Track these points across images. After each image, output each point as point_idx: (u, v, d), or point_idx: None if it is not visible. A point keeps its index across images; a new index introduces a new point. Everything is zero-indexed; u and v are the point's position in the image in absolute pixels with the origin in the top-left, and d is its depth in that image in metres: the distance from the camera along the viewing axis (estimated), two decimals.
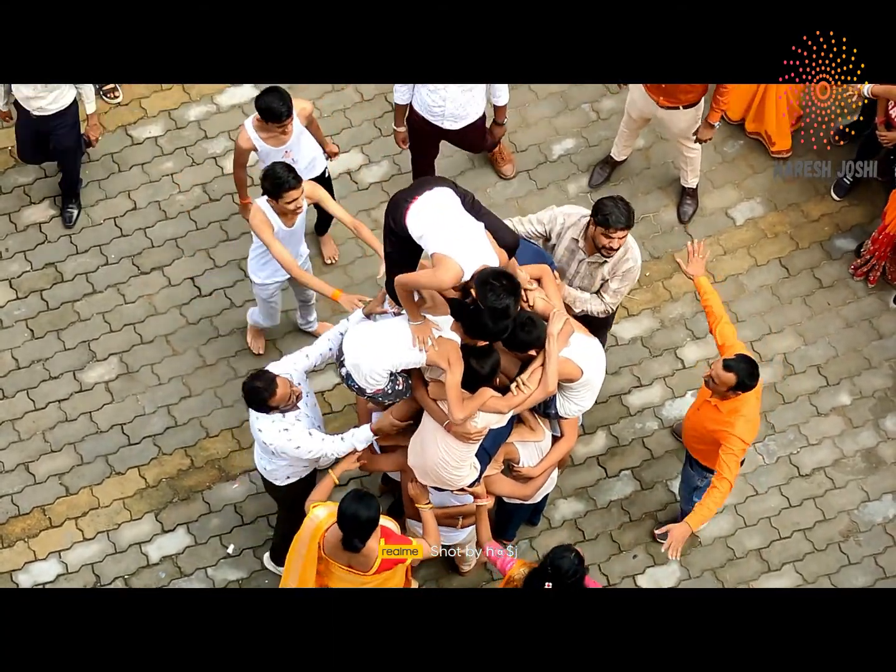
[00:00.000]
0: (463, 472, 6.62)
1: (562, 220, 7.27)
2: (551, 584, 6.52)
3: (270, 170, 7.22)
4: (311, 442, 6.76)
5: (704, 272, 7.33)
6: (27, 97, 7.92)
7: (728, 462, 6.74)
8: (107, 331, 8.59)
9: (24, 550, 7.96)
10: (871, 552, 8.06)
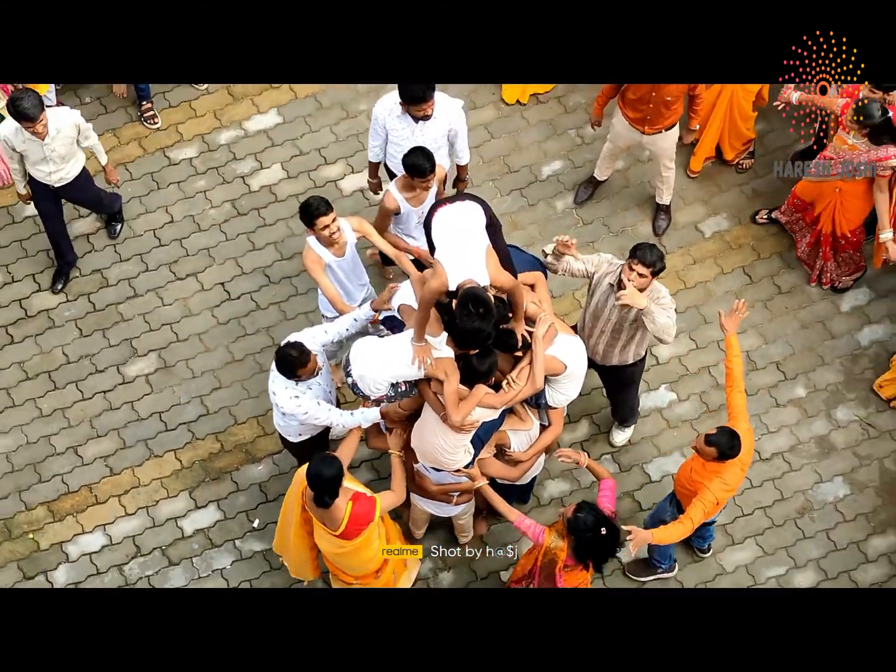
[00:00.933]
0: (458, 456, 6.73)
1: (606, 266, 7.22)
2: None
3: (305, 202, 7.23)
4: (319, 410, 6.90)
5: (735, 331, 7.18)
6: (49, 173, 7.92)
7: (696, 509, 6.76)
8: (146, 330, 8.73)
9: (73, 524, 8.08)
10: (824, 528, 8.16)
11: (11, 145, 7.70)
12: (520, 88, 9.67)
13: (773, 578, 8.06)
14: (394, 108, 7.76)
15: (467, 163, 8.33)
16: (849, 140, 8.18)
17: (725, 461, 6.70)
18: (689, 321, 8.79)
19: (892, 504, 8.27)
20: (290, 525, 7.02)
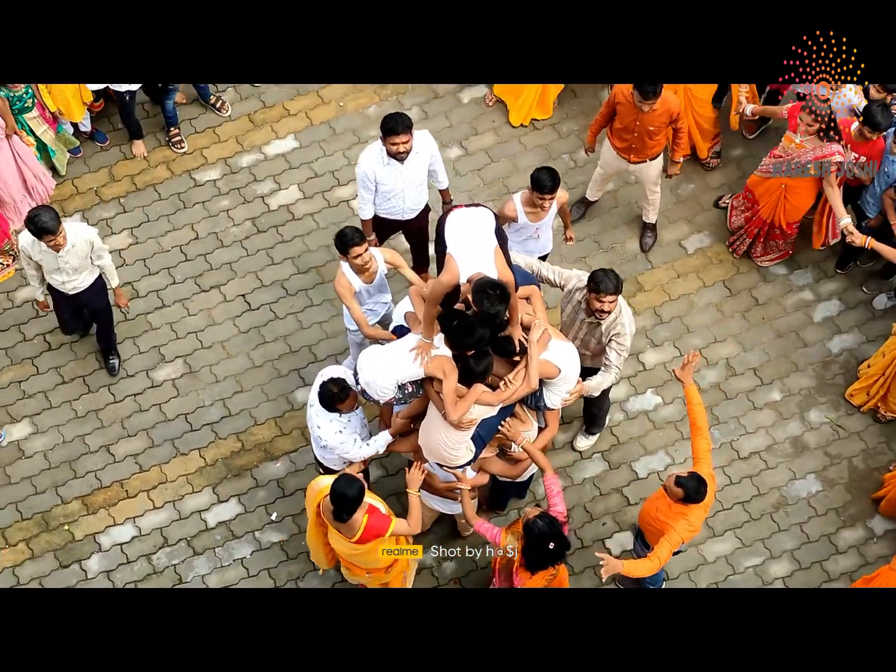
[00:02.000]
0: (459, 452, 6.76)
1: (575, 281, 7.24)
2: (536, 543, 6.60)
3: (340, 231, 7.23)
4: (353, 448, 7.03)
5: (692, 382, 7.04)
6: (63, 282, 7.78)
7: (664, 548, 6.72)
8: (173, 338, 8.77)
9: (105, 517, 8.14)
10: (798, 521, 8.20)
11: (28, 254, 7.61)
12: (524, 112, 9.69)
13: (751, 568, 8.06)
14: (378, 156, 7.76)
15: (447, 187, 8.32)
16: (796, 140, 8.23)
17: (692, 503, 6.68)
18: (674, 331, 8.86)
19: (861, 500, 8.29)
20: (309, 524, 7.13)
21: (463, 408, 6.46)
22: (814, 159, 8.13)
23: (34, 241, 7.49)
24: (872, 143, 8.12)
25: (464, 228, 6.60)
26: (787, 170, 8.28)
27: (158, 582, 7.95)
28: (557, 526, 6.55)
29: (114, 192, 9.35)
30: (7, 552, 7.99)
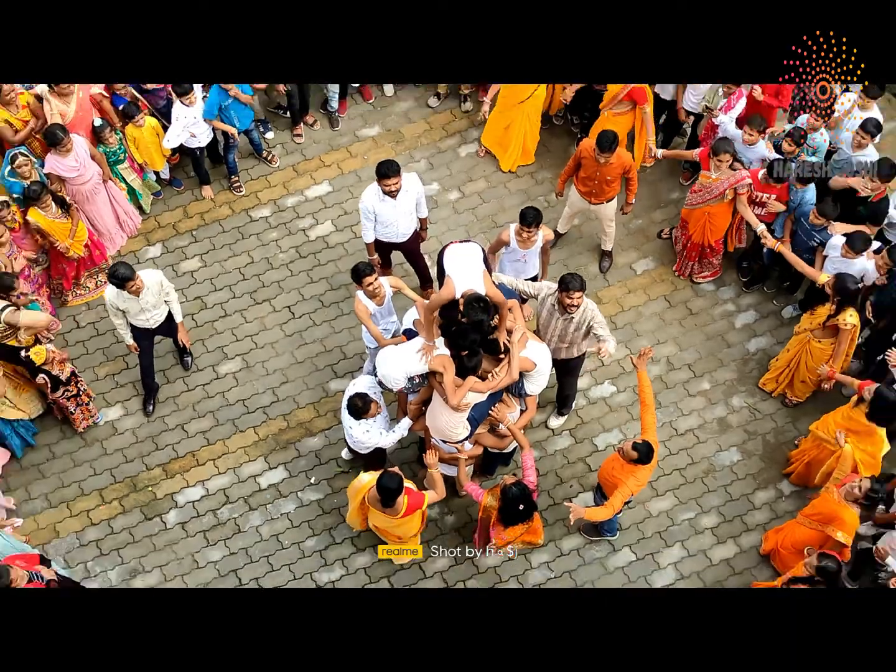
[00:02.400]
0: (458, 430, 6.87)
1: (546, 290, 7.26)
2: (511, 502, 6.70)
3: (354, 267, 7.27)
4: (380, 439, 7.17)
5: (644, 368, 7.00)
6: (147, 318, 7.67)
7: (617, 497, 6.76)
8: (234, 340, 8.79)
9: (180, 480, 8.17)
10: (722, 484, 8.20)
11: (115, 306, 7.48)
12: (512, 160, 9.65)
13: (686, 520, 8.03)
14: (375, 194, 7.76)
15: (426, 216, 8.34)
16: (712, 175, 8.15)
17: (641, 466, 6.72)
18: (625, 335, 8.81)
19: (772, 468, 8.28)
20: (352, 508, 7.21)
21: (460, 394, 6.56)
22: (729, 186, 8.11)
23: (118, 293, 7.39)
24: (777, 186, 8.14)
25: (459, 257, 6.76)
26: (709, 199, 8.25)
27: (222, 532, 7.92)
28: (528, 492, 6.66)
29: (187, 226, 9.38)
30: (104, 508, 8.01)
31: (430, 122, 10.06)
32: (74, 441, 8.30)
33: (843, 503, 6.89)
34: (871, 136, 8.08)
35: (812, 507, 7.27)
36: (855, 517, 6.90)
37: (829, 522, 6.97)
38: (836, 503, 6.93)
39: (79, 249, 8.49)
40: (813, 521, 7.11)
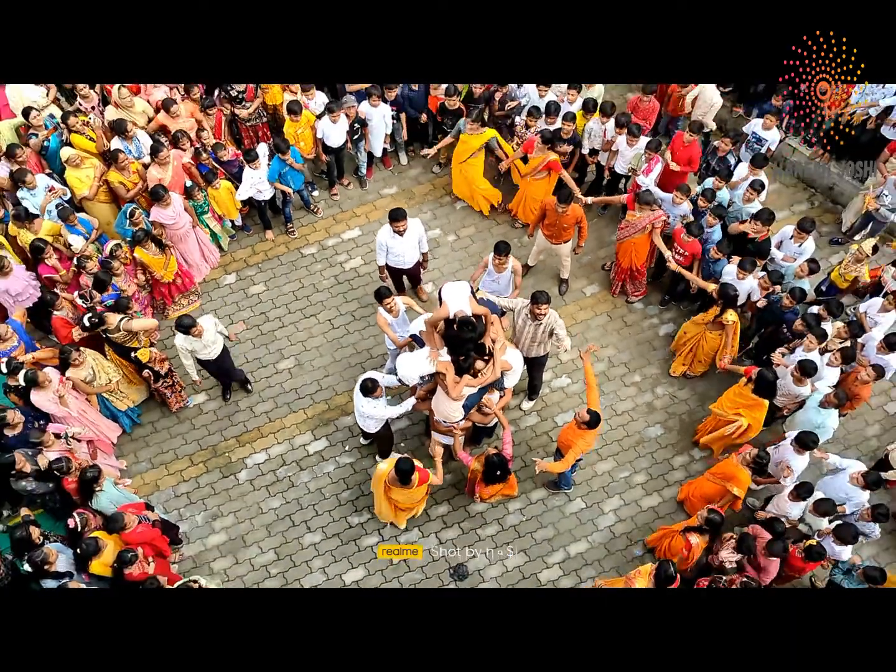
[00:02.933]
0: (456, 414, 6.92)
1: (521, 304, 7.25)
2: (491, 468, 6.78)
3: (377, 290, 7.27)
4: (386, 410, 7.05)
5: (589, 360, 7.09)
6: (209, 352, 7.51)
7: (570, 455, 6.81)
8: (288, 345, 8.78)
9: (249, 448, 8.16)
10: (649, 451, 8.20)
11: (185, 348, 7.34)
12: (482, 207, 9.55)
13: (622, 478, 8.02)
14: (388, 232, 7.78)
15: (427, 251, 8.29)
16: (637, 214, 8.19)
17: (590, 429, 6.72)
18: (578, 340, 8.75)
19: (686, 439, 8.25)
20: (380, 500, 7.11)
21: (458, 389, 6.62)
22: (648, 222, 8.16)
23: (185, 337, 7.27)
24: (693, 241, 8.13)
25: (452, 289, 6.79)
26: (633, 232, 8.27)
27: (280, 486, 7.90)
28: (504, 461, 6.75)
29: (255, 260, 9.40)
30: (192, 468, 8.02)
31: (434, 184, 10.11)
32: (170, 419, 8.33)
33: (740, 466, 6.93)
34: (757, 192, 8.23)
35: (717, 467, 7.28)
36: (747, 476, 6.94)
37: (728, 480, 7.01)
38: (735, 465, 6.97)
39: (170, 277, 8.51)
40: (717, 478, 7.15)
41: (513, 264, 7.76)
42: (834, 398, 7.05)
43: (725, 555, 6.78)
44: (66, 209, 8.04)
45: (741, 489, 6.94)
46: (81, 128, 8.51)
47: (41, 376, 6.94)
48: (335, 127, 8.97)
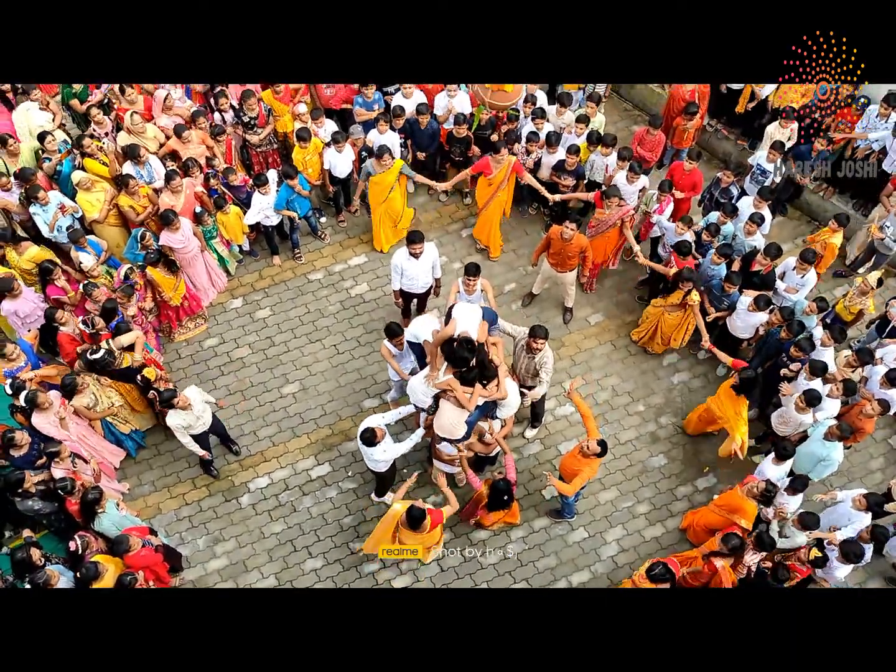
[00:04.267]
0: (459, 430, 6.78)
1: (521, 334, 7.31)
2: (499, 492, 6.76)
3: (387, 326, 7.27)
4: (395, 449, 6.99)
5: (577, 395, 7.15)
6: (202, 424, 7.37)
7: (577, 480, 6.80)
8: (293, 369, 8.77)
9: (252, 472, 8.15)
10: (652, 481, 8.18)
11: (181, 426, 7.17)
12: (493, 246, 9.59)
13: (625, 507, 7.99)
14: (404, 255, 7.85)
15: (440, 276, 8.30)
16: (606, 211, 8.40)
17: (596, 458, 6.76)
18: (582, 369, 8.84)
19: (689, 470, 8.25)
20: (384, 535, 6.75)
21: (475, 400, 6.56)
22: (618, 217, 8.39)
23: (176, 413, 7.09)
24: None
25: (464, 309, 6.80)
26: (603, 229, 8.47)
27: (282, 511, 7.86)
28: (510, 487, 6.75)
29: (262, 285, 9.45)
30: (195, 492, 8.01)
31: (441, 212, 10.21)
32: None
33: (745, 498, 6.91)
34: (757, 225, 8.31)
35: (721, 498, 7.25)
36: (754, 508, 6.92)
37: (734, 512, 6.98)
38: (741, 498, 6.94)
39: (177, 300, 8.57)
40: (722, 511, 7.11)
41: (482, 284, 7.63)
42: (837, 430, 7.07)
43: (749, 558, 6.71)
44: (76, 231, 8.15)
45: (748, 521, 6.90)
46: (95, 151, 8.66)
47: (41, 398, 6.94)
48: (341, 157, 9.09)
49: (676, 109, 9.63)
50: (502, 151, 8.59)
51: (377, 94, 9.51)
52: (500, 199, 9.05)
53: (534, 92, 9.53)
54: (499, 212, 9.22)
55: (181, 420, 7.22)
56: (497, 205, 9.11)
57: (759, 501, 6.93)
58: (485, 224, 9.39)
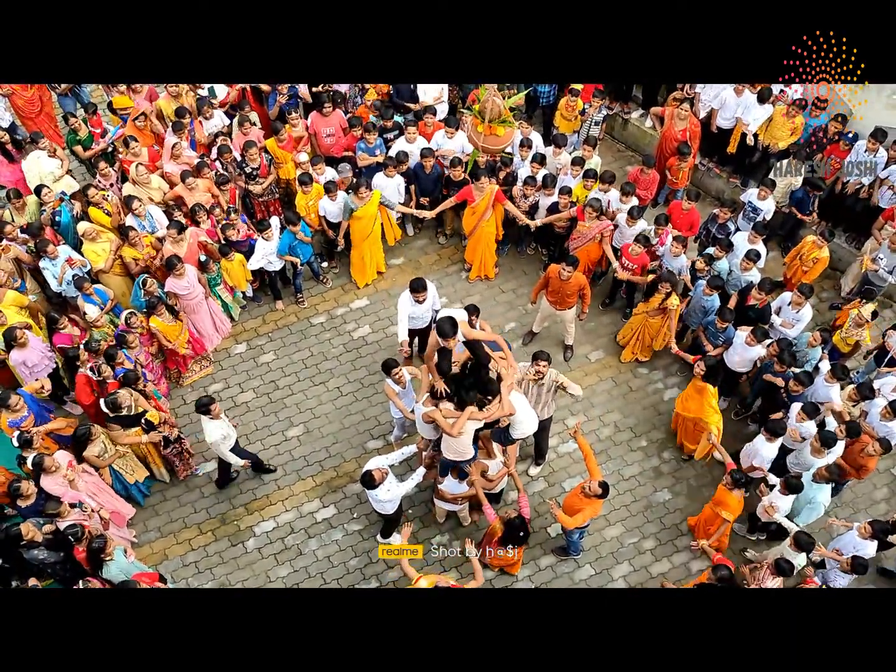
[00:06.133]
0: (467, 450, 6.75)
1: (524, 368, 7.37)
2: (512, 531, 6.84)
3: (384, 362, 7.37)
4: (399, 489, 7.03)
5: (581, 436, 7.25)
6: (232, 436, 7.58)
7: (580, 517, 6.85)
8: (297, 412, 8.86)
9: (257, 516, 8.17)
10: (657, 516, 8.17)
11: (220, 438, 7.37)
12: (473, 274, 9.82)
13: (631, 544, 8.01)
14: (409, 300, 7.94)
15: (440, 308, 8.20)
16: (587, 224, 8.73)
17: (597, 499, 6.82)
18: (584, 405, 8.92)
19: (693, 504, 8.22)
20: None
21: (459, 425, 6.46)
22: (598, 231, 8.73)
23: (219, 425, 7.29)
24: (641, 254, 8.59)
25: (444, 314, 6.65)
26: (585, 242, 8.79)
27: (288, 554, 7.86)
28: (526, 523, 6.82)
29: (265, 329, 9.53)
30: (201, 537, 8.03)
31: (440, 254, 10.37)
32: (180, 487, 8.37)
33: (727, 490, 7.17)
34: (753, 261, 8.50)
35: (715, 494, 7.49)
36: (736, 500, 7.15)
37: (718, 504, 7.25)
38: (723, 491, 7.23)
39: (182, 347, 8.67)
40: (711, 503, 7.42)
41: (481, 325, 7.50)
42: (826, 472, 7.09)
43: (771, 584, 6.71)
44: (81, 278, 8.32)
45: (730, 513, 7.14)
46: (100, 200, 8.86)
47: (48, 462, 6.97)
48: (333, 204, 9.26)
49: (669, 150, 9.90)
50: (482, 179, 8.90)
51: (378, 139, 9.72)
52: (485, 229, 9.35)
53: (529, 135, 9.76)
54: (486, 239, 9.48)
55: (220, 431, 7.38)
56: (484, 234, 9.40)
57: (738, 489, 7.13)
58: (475, 248, 9.67)
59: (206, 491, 8.36)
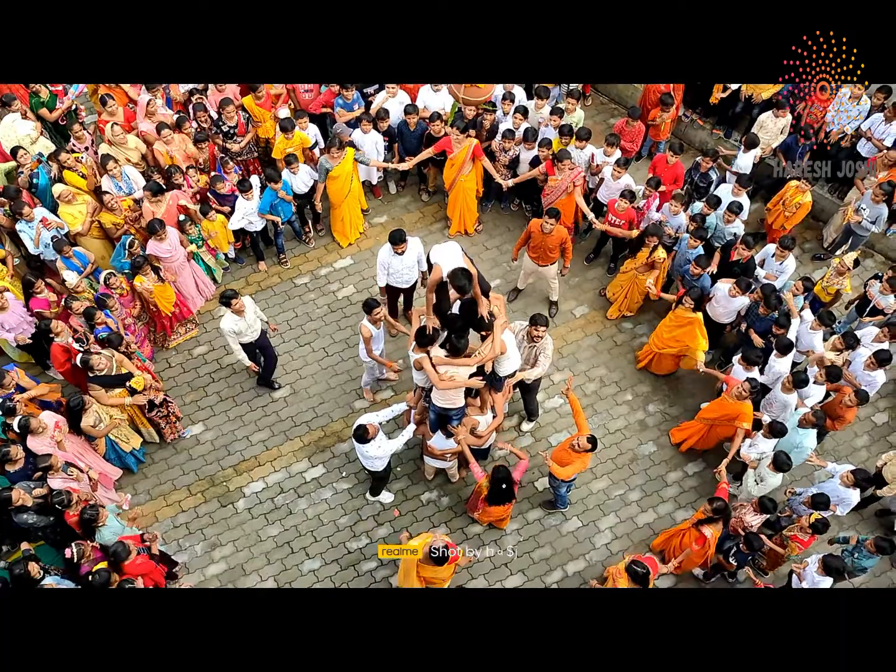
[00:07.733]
0: (457, 399, 6.76)
1: (520, 326, 7.44)
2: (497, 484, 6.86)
3: (365, 301, 7.33)
4: (389, 445, 7.05)
5: (571, 392, 7.25)
6: (252, 333, 7.80)
7: (568, 470, 6.91)
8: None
9: (247, 477, 8.20)
10: (643, 468, 8.30)
11: (233, 329, 7.61)
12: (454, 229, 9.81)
13: (617, 496, 8.13)
14: (389, 252, 7.87)
15: (425, 270, 8.18)
16: (558, 177, 8.64)
17: (587, 453, 6.88)
18: (569, 361, 8.99)
19: (678, 456, 8.38)
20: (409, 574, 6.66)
21: (448, 383, 6.47)
22: (570, 181, 8.61)
23: (231, 318, 7.51)
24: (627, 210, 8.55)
25: (443, 250, 6.55)
26: (559, 195, 8.73)
27: (278, 514, 7.92)
28: (510, 476, 6.83)
29: (248, 291, 9.42)
30: (190, 499, 8.02)
31: (423, 212, 10.30)
32: (168, 450, 8.37)
33: (738, 402, 7.31)
34: (736, 214, 8.49)
35: (712, 411, 7.65)
36: (750, 408, 7.37)
37: (734, 418, 7.36)
38: (733, 404, 7.34)
39: (168, 308, 8.60)
40: (723, 420, 7.49)
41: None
42: (812, 417, 7.20)
43: (750, 518, 6.89)
44: (60, 241, 8.18)
45: (748, 422, 7.31)
46: (73, 164, 8.69)
47: (34, 423, 6.95)
48: (296, 178, 9.08)
49: (652, 101, 9.78)
50: (469, 132, 8.90)
51: (357, 94, 9.53)
52: (465, 184, 9.30)
53: (511, 89, 9.60)
54: (466, 195, 9.44)
55: (234, 324, 7.53)
56: (463, 189, 9.37)
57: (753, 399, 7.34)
58: (454, 203, 9.62)
59: (194, 453, 8.37)
